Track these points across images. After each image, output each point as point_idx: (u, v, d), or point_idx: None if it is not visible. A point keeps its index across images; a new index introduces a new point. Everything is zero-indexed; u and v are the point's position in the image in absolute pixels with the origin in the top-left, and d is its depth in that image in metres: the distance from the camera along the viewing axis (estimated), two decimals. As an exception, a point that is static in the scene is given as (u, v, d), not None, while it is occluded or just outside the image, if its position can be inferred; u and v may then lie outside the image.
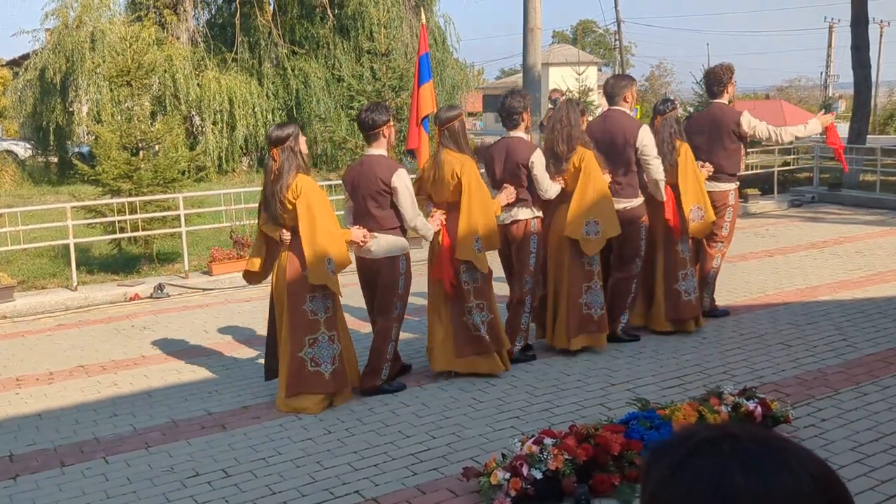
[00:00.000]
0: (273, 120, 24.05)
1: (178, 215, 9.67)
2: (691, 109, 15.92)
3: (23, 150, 26.90)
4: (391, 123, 5.42)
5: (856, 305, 7.14)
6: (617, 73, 38.55)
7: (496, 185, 5.86)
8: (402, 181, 5.28)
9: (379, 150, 5.39)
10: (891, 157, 15.95)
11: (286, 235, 5.15)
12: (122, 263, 10.53)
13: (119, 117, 11.15)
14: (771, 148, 15.80)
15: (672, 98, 7.38)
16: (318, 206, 5.04)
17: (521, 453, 3.93)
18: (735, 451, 0.85)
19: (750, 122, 6.65)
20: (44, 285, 9.36)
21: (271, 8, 25.75)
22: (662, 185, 6.22)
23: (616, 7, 37.83)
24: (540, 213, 5.90)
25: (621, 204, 6.13)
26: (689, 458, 0.86)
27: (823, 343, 6.11)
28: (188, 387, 5.76)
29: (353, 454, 4.50)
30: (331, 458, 4.46)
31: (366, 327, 6.10)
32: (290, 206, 5.03)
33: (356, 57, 24.13)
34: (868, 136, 17.10)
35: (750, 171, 14.53)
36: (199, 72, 23.40)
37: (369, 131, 5.37)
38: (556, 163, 5.87)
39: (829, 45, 43.68)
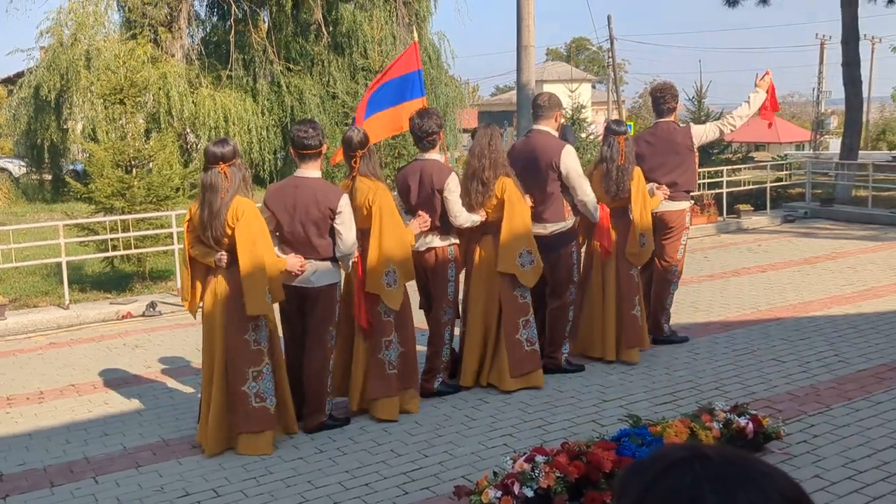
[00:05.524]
0: (268, 137, 24.12)
1: (171, 233, 9.67)
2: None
3: (17, 167, 26.94)
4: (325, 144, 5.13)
5: (848, 321, 7.16)
6: (611, 89, 38.75)
7: (411, 210, 5.56)
8: (348, 205, 5.00)
9: (315, 171, 5.10)
10: (883, 172, 16.04)
11: (223, 258, 4.74)
12: (114, 281, 10.50)
13: (113, 135, 11.16)
14: (763, 164, 15.88)
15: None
16: (258, 233, 4.68)
17: (513, 471, 3.92)
18: (706, 471, 0.85)
19: (698, 133, 6.61)
20: (36, 303, 9.32)
21: (266, 25, 25.89)
22: (591, 206, 5.92)
23: (609, 25, 38.08)
24: (456, 241, 5.61)
25: (547, 228, 5.84)
26: (661, 477, 0.87)
27: (815, 359, 6.12)
28: (179, 406, 5.73)
29: (345, 473, 4.48)
30: (322, 478, 4.44)
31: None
32: (229, 230, 4.66)
33: (351, 74, 24.24)
34: (860, 152, 17.22)
35: (742, 188, 14.61)
36: (194, 89, 23.45)
37: (303, 151, 5.04)
38: (483, 190, 5.55)
39: (821, 62, 44.00)
